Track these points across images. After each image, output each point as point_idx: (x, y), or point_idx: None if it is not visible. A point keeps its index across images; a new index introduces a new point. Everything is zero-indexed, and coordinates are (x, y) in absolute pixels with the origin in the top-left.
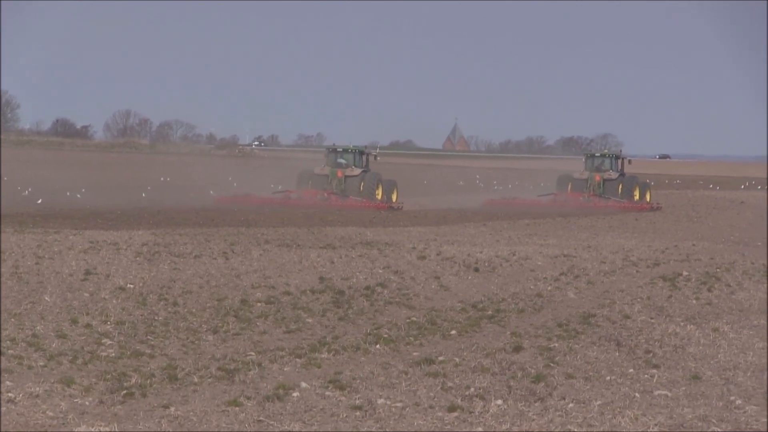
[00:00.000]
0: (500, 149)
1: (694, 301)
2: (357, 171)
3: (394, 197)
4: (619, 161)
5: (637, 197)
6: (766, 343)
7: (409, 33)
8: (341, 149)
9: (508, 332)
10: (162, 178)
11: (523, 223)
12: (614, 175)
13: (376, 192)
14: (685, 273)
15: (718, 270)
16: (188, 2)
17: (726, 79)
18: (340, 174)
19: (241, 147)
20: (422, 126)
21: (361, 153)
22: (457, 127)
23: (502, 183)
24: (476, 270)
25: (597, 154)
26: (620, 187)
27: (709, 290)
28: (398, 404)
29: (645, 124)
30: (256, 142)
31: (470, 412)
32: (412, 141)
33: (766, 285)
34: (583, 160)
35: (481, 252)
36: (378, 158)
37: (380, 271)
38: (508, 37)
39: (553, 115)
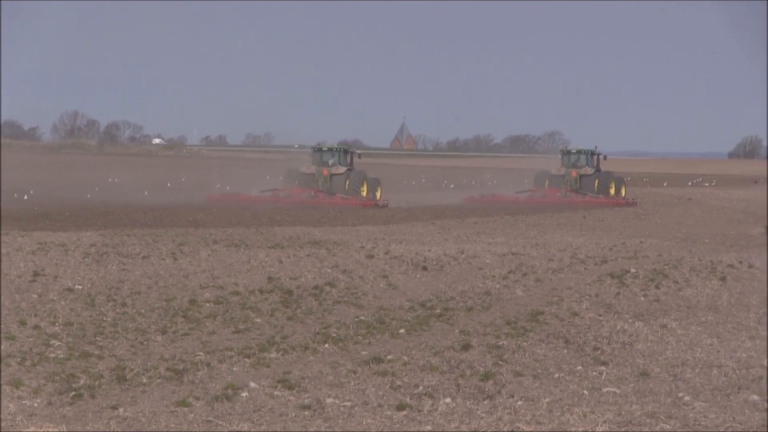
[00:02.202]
0: (448, 148)
1: (642, 298)
2: (342, 169)
3: (378, 194)
4: (595, 157)
5: (612, 192)
6: (714, 339)
7: (357, 32)
8: (327, 148)
9: (457, 330)
10: (110, 179)
11: (471, 221)
12: (590, 171)
13: (362, 189)
14: (632, 270)
15: (665, 267)
16: (133, 2)
17: (671, 76)
18: (326, 172)
19: (189, 147)
20: (370, 125)
21: (346, 152)
22: (405, 125)
23: (454, 181)
24: (424, 268)
25: (573, 151)
26: (596, 182)
27: (656, 287)
28: (347, 403)
29: (592, 121)
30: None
31: (419, 411)
32: (360, 140)
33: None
34: (560, 156)
35: (429, 250)
36: (361, 157)
37: (329, 270)
38: (455, 37)
39: (500, 113)
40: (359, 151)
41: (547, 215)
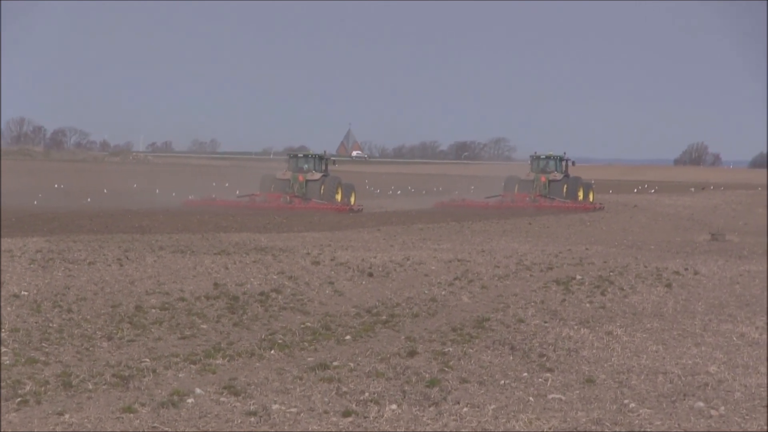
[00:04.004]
0: (394, 154)
1: (587, 305)
2: (317, 175)
3: (352, 200)
4: (564, 163)
5: (581, 197)
6: (660, 346)
7: (302, 37)
8: (302, 155)
9: (403, 337)
10: (56, 185)
11: (416, 227)
12: (559, 176)
13: (336, 195)
14: (578, 277)
15: (611, 273)
16: (77, 3)
17: (617, 82)
18: (301, 178)
19: (135, 154)
20: (316, 131)
21: (321, 158)
22: (350, 132)
23: (400, 188)
24: (370, 275)
25: (542, 156)
26: (565, 187)
27: (602, 294)
28: (293, 409)
29: (537, 128)
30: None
31: (365, 417)
32: (306, 146)
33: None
34: (529, 162)
35: (375, 257)
36: (336, 164)
37: (274, 276)
38: (401, 42)
39: (446, 120)
40: (333, 158)
41: (493, 222)
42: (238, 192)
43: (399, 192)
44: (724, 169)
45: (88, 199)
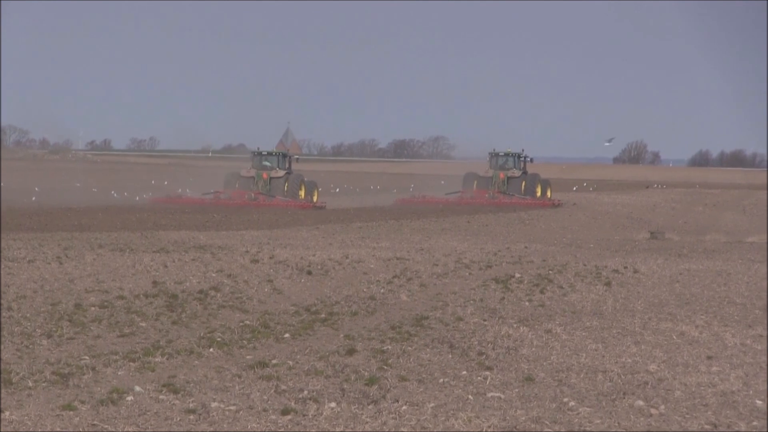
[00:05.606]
0: (333, 152)
1: (526, 303)
2: (281, 173)
3: (315, 197)
4: (522, 160)
5: (539, 194)
6: (599, 345)
7: (239, 36)
8: (266, 153)
9: (342, 335)
10: None
11: (355, 226)
12: (517, 173)
13: (300, 192)
14: (517, 275)
15: (550, 272)
16: (12, 2)
17: (554, 81)
18: (265, 176)
19: (74, 152)
20: (255, 129)
21: (284, 156)
22: (289, 130)
23: (339, 185)
24: (309, 273)
25: (501, 153)
26: (523, 184)
27: (541, 292)
28: (232, 407)
29: (476, 125)
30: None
31: (304, 415)
32: (245, 145)
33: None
34: (488, 159)
35: (314, 255)
36: (299, 160)
37: (213, 274)
38: (339, 42)
39: (385, 118)
40: (297, 156)
41: (432, 220)
42: (180, 190)
43: (338, 190)
44: (663, 167)
45: (33, 198)
